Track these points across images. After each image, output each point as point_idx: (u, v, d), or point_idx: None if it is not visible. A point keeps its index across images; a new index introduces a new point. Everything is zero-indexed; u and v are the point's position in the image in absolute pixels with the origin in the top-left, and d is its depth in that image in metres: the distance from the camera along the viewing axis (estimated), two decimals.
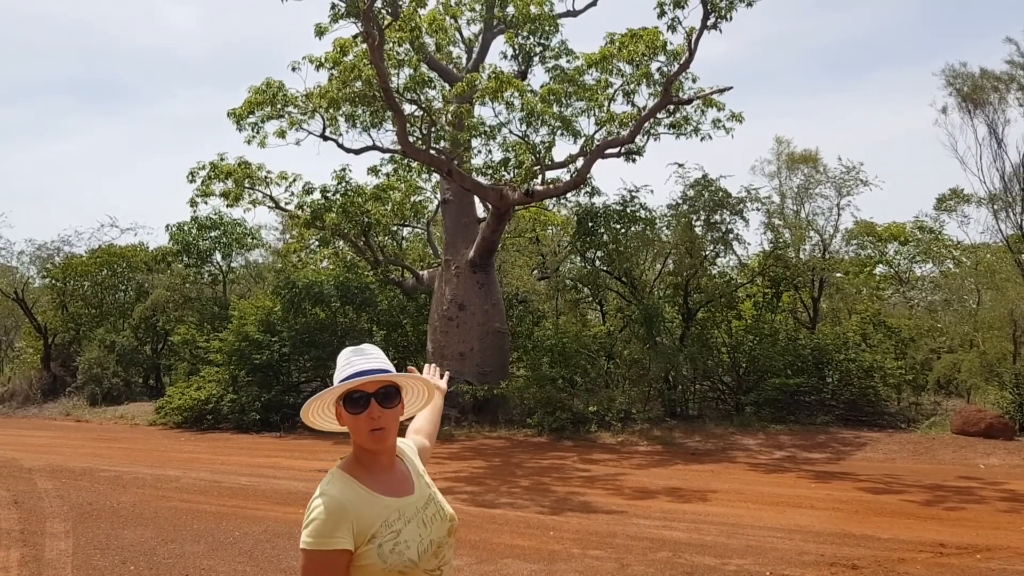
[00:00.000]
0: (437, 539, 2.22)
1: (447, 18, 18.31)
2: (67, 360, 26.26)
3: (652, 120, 16.98)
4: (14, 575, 6.79)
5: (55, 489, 10.77)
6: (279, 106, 18.38)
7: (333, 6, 15.93)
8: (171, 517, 9.02)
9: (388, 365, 2.31)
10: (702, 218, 18.31)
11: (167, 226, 25.85)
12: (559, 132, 16.85)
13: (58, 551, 7.53)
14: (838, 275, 19.26)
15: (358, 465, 2.28)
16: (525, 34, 18.42)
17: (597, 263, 19.59)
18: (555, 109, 16.43)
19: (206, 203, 21.06)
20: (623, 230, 18.61)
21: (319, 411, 2.35)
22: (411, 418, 2.68)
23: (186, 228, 25.37)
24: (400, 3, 16.55)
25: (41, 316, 27.04)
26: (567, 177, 17.82)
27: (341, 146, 18.93)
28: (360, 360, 2.29)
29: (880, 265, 24.32)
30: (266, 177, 20.78)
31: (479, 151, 18.88)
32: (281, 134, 18.77)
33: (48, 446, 16.00)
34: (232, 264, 27.22)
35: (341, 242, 21.28)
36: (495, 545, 7.69)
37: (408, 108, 16.99)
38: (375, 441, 2.24)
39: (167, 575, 6.78)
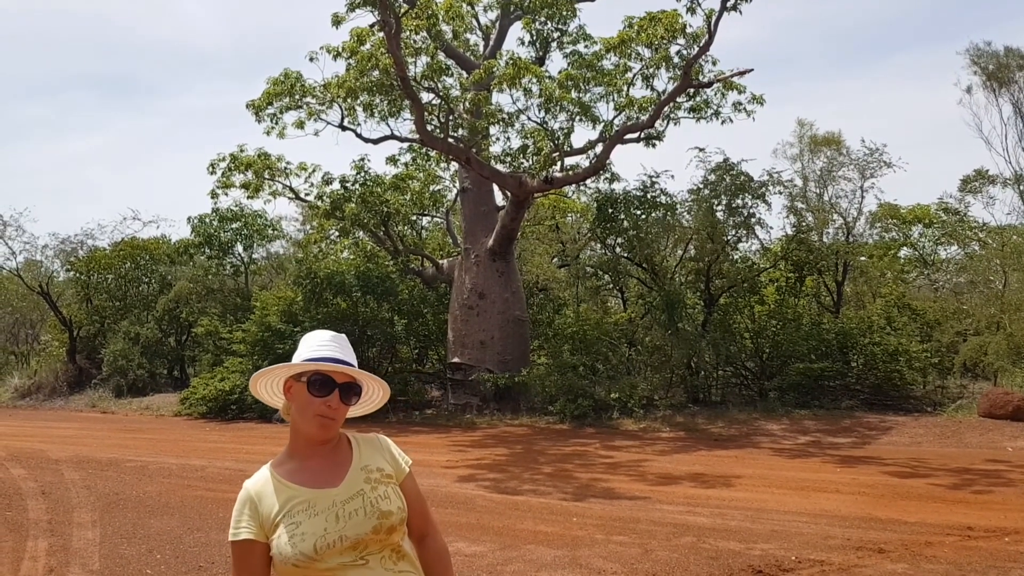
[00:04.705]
0: (354, 536, 2.14)
1: (464, 5, 18.22)
2: (92, 352, 26.51)
3: (672, 104, 16.82)
4: (42, 564, 6.86)
5: (82, 479, 10.88)
6: (297, 97, 18.45)
7: None
8: (197, 506, 9.08)
9: (355, 363, 2.30)
10: (724, 203, 18.12)
11: (189, 218, 26.12)
12: (578, 118, 16.76)
13: (85, 540, 7.61)
14: (862, 258, 19.05)
15: (288, 455, 2.27)
16: (542, 19, 18.31)
17: (617, 250, 19.48)
18: (573, 95, 16.34)
19: (227, 195, 21.27)
20: (643, 216, 18.48)
21: (270, 382, 2.32)
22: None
23: (207, 220, 25.53)
24: None
25: (66, 309, 27.29)
26: (586, 163, 17.71)
27: (359, 136, 18.98)
28: (337, 348, 2.28)
29: (904, 248, 24.03)
30: (285, 168, 20.90)
31: (497, 138, 18.81)
32: (300, 125, 18.85)
33: (74, 437, 16.17)
34: (253, 255, 27.35)
35: (361, 232, 21.32)
36: (518, 531, 7.68)
37: (426, 96, 16.95)
38: (320, 428, 2.22)
39: (193, 563, 6.83)
